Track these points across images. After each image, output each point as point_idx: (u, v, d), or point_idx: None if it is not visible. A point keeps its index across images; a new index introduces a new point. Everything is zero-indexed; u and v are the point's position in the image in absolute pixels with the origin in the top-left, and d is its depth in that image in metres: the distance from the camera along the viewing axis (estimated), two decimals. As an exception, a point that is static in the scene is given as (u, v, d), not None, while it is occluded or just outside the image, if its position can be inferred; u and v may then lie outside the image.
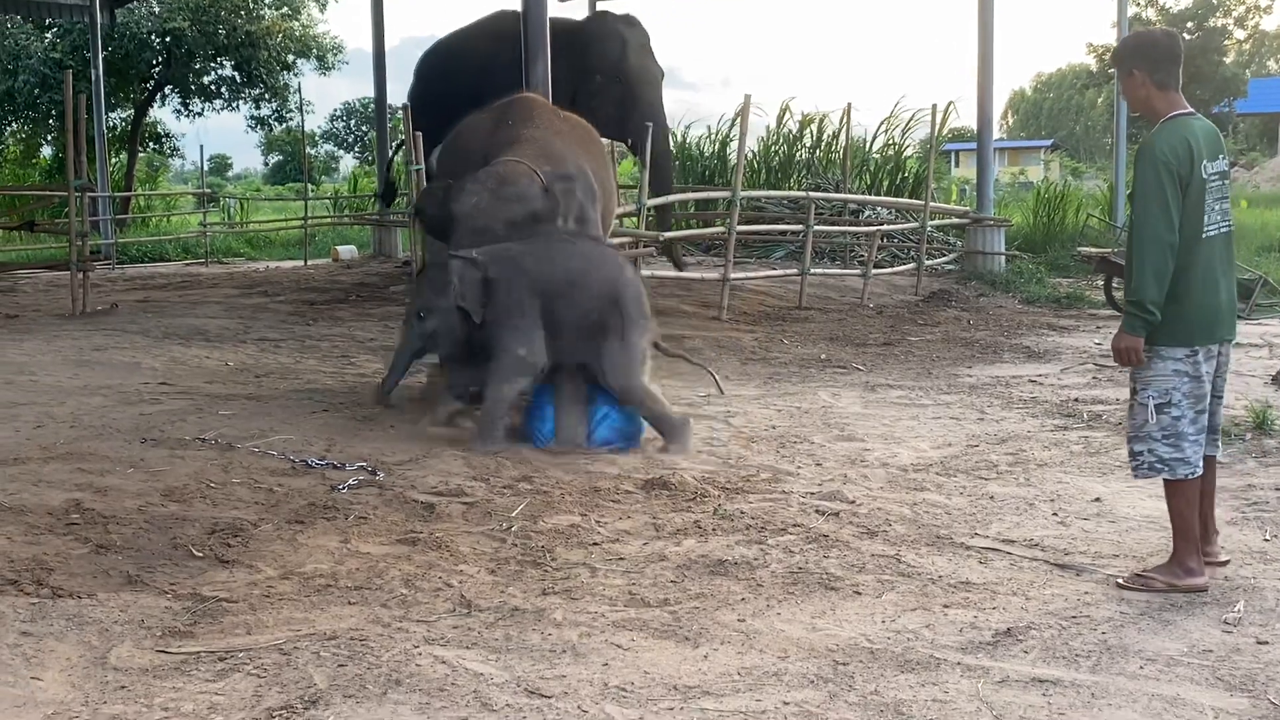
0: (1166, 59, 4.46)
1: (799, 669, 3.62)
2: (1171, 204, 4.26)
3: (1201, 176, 4.31)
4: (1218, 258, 4.41)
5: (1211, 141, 4.41)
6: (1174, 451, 4.34)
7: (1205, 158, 4.32)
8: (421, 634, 3.85)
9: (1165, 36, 4.58)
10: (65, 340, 9.70)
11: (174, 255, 21.10)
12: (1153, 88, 4.44)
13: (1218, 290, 4.41)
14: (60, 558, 4.39)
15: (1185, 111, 4.42)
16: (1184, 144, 4.30)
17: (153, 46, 24.98)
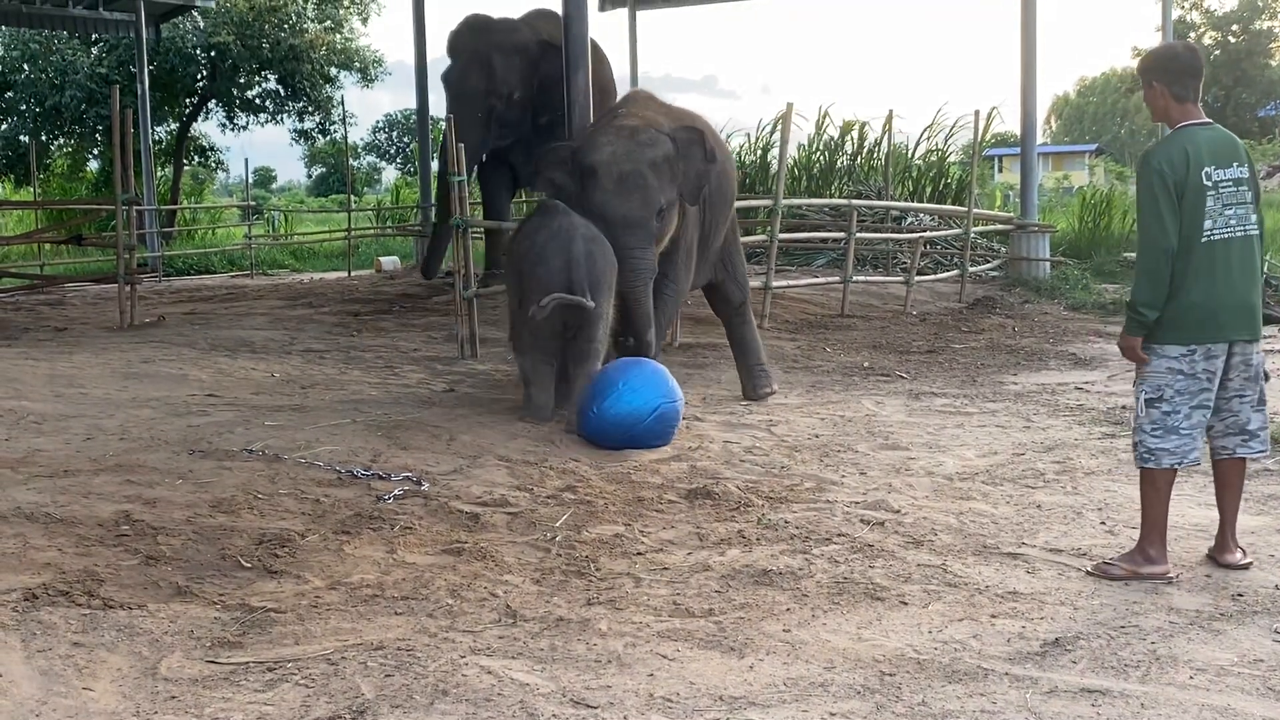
0: (1186, 72, 4.69)
1: (845, 679, 3.61)
2: (1165, 211, 4.49)
3: (1200, 183, 4.50)
4: (1222, 260, 4.53)
5: (1221, 150, 4.60)
6: (1159, 442, 4.58)
7: (1208, 165, 4.53)
8: (468, 644, 3.86)
9: (1186, 51, 4.81)
10: (113, 353, 9.80)
11: (219, 267, 21.29)
12: (1171, 100, 4.68)
13: (1221, 291, 4.53)
14: (110, 569, 4.44)
15: (1197, 122, 4.65)
16: (1181, 153, 4.53)
17: (197, 61, 25.24)
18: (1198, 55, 4.78)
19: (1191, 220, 4.50)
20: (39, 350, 9.97)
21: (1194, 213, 4.51)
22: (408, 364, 9.76)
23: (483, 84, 13.22)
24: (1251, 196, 4.65)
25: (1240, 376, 4.64)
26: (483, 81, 13.22)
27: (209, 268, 21.22)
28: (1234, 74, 49.21)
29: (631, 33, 22.00)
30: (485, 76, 13.23)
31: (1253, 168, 4.72)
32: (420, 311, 13.26)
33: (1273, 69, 51.63)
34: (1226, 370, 4.62)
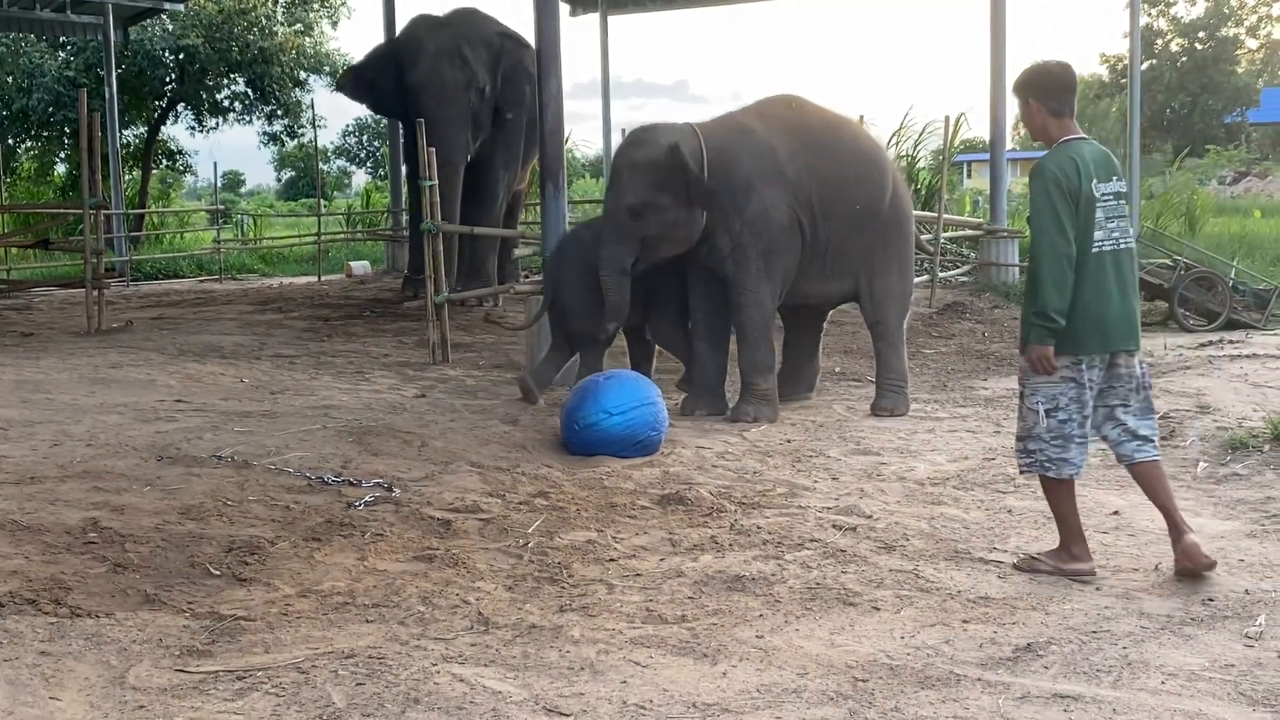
0: (1059, 88, 4.85)
1: (818, 686, 3.60)
2: (1064, 218, 4.61)
3: (1091, 194, 4.65)
4: (1108, 272, 4.67)
5: (1102, 164, 4.76)
6: (1060, 453, 4.71)
7: (1095, 178, 4.68)
8: (439, 652, 3.84)
9: (1059, 68, 4.92)
10: (80, 358, 9.72)
11: (188, 272, 21.16)
12: (1048, 115, 4.85)
13: (1107, 302, 4.66)
14: (78, 577, 4.40)
15: (1077, 136, 4.83)
16: (1072, 164, 4.68)
17: (166, 64, 25.07)
18: (1070, 71, 4.94)
19: (1083, 231, 4.63)
20: (5, 355, 9.89)
21: (1085, 224, 4.64)
22: (379, 369, 9.73)
23: (461, 77, 13.00)
24: (1127, 210, 4.84)
25: (1125, 386, 4.76)
26: (460, 74, 12.99)
27: (177, 272, 21.08)
28: (1200, 81, 49.56)
29: (603, 37, 21.98)
30: (461, 69, 13.01)
31: (1124, 184, 4.89)
32: (391, 317, 13.23)
33: (1239, 76, 52.03)
34: (1112, 379, 4.75)
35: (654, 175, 7.57)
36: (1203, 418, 7.61)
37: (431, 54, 13.07)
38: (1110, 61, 51.75)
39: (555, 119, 9.18)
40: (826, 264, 8.05)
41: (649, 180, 7.58)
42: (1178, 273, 13.19)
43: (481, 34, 13.44)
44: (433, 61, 13.04)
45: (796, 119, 8.09)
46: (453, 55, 13.06)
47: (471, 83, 13.10)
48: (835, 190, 7.92)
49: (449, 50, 13.09)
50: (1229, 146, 45.49)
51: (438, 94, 12.93)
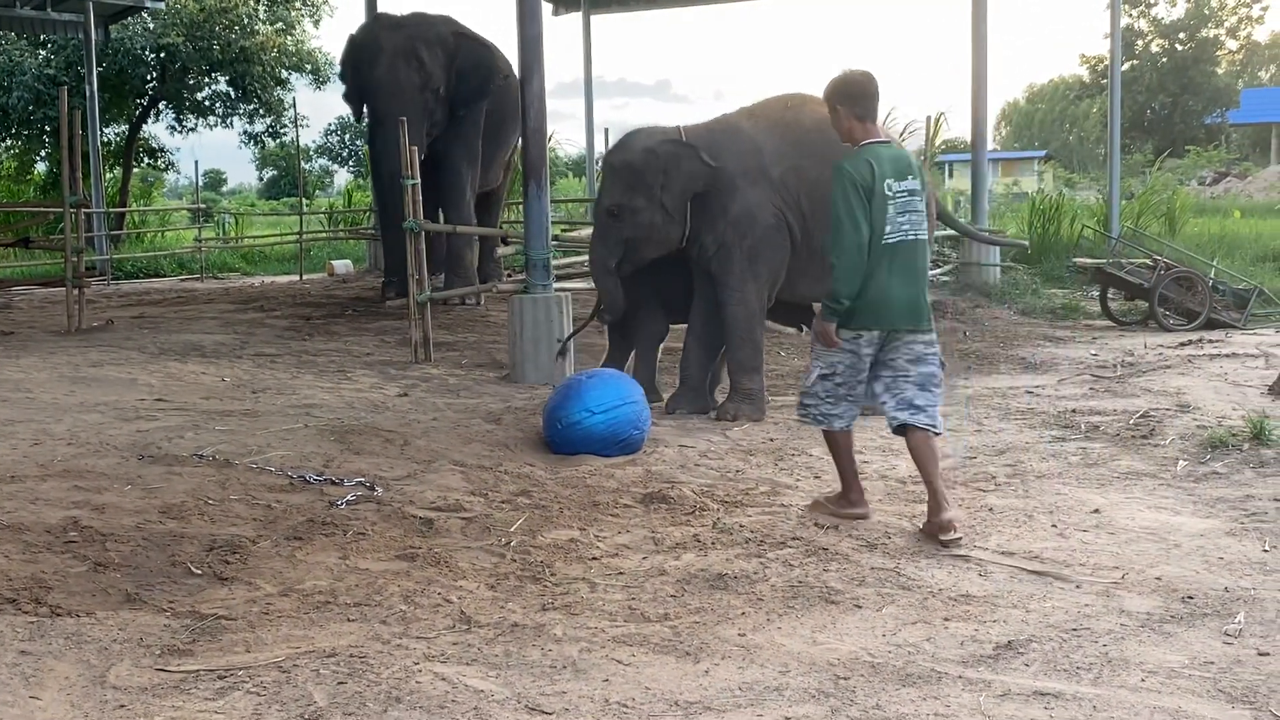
0: (862, 96, 5.45)
1: (800, 683, 3.61)
2: (859, 213, 5.22)
3: (883, 192, 5.24)
4: (895, 261, 5.29)
5: (898, 165, 5.36)
6: (832, 409, 5.44)
7: (889, 177, 5.26)
8: (421, 651, 3.84)
9: (862, 77, 5.51)
10: (61, 357, 9.69)
11: (169, 271, 21.09)
12: (854, 121, 5.44)
13: (889, 287, 5.29)
14: (58, 576, 4.38)
15: (877, 140, 5.42)
16: (866, 165, 5.26)
17: (147, 62, 24.97)
18: (872, 80, 5.51)
19: (875, 224, 5.24)
20: (-15, 354, 9.84)
21: (877, 218, 5.24)
22: (361, 368, 9.71)
23: (417, 78, 13.10)
24: (921, 206, 5.41)
25: (904, 359, 5.36)
26: (416, 75, 13.10)
27: (158, 271, 21.01)
28: (1181, 81, 49.76)
29: (585, 37, 21.98)
30: (418, 70, 13.11)
31: (924, 181, 5.52)
32: (373, 315, 13.21)
33: (1219, 76, 52.25)
34: (892, 353, 5.37)
35: (629, 178, 7.71)
36: (1182, 416, 7.64)
37: (389, 54, 13.17)
38: (1091, 62, 51.91)
39: (538, 118, 9.19)
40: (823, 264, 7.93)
41: (624, 183, 7.74)
42: (1158, 272, 13.24)
43: (437, 34, 13.55)
44: (390, 61, 13.14)
45: (789, 119, 8.07)
46: (409, 56, 13.17)
47: (427, 84, 13.21)
48: (826, 190, 7.85)
49: (406, 50, 13.20)
50: (1209, 147, 45.71)
51: (390, 94, 13.04)
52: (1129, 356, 10.68)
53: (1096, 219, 19.49)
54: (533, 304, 9.06)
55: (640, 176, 7.67)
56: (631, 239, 7.78)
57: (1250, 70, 58.58)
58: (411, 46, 13.20)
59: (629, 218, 7.72)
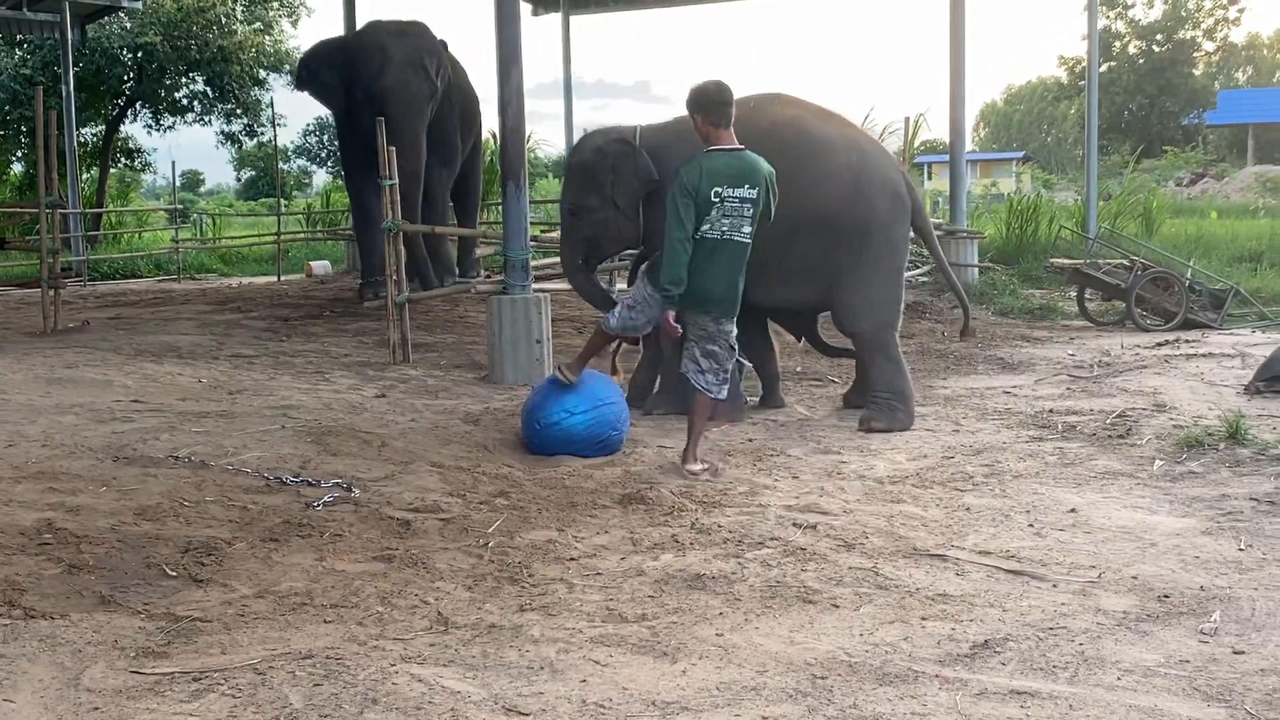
0: (714, 104, 6.19)
1: (777, 683, 3.61)
2: (684, 214, 6.06)
3: (708, 196, 6.07)
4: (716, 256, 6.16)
5: (737, 173, 6.16)
6: (714, 380, 6.35)
7: (722, 184, 6.09)
8: (398, 652, 3.83)
9: (714, 87, 6.25)
10: (36, 358, 9.62)
11: (146, 272, 21.01)
12: (709, 127, 6.21)
13: (714, 279, 6.18)
14: (32, 578, 4.35)
15: (722, 148, 6.20)
16: (697, 172, 6.08)
17: (124, 62, 24.87)
18: (724, 89, 6.25)
19: (698, 224, 6.07)
20: (-41, 356, 9.77)
21: (699, 219, 6.07)
22: (338, 369, 9.67)
23: (426, 87, 13.33)
24: (751, 213, 6.19)
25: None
26: (425, 85, 13.34)
27: (135, 272, 20.92)
28: (1158, 83, 50.03)
29: (565, 38, 21.98)
30: (425, 79, 13.35)
31: (767, 191, 6.26)
32: (351, 316, 13.16)
33: (1196, 78, 52.54)
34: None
35: (582, 177, 7.81)
36: (1159, 416, 7.68)
37: (400, 64, 13.31)
38: (1068, 64, 52.18)
39: (516, 118, 9.18)
40: (780, 269, 7.67)
41: (577, 182, 7.85)
42: (1134, 273, 13.30)
43: (433, 45, 13.85)
44: (401, 71, 13.27)
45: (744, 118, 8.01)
46: (417, 66, 13.36)
47: (432, 94, 13.50)
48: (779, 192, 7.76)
49: (414, 61, 13.39)
50: (1186, 148, 45.94)
51: (406, 103, 13.15)
52: (1106, 356, 10.72)
53: (1074, 220, 19.58)
54: (511, 304, 9.04)
55: (592, 175, 7.75)
56: (590, 236, 7.87)
57: (1227, 71, 58.94)
58: (418, 57, 13.42)
59: (585, 216, 7.82)
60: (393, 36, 13.68)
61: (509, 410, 7.69)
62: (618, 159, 7.67)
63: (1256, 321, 13.35)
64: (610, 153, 7.71)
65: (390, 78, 13.23)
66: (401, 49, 13.39)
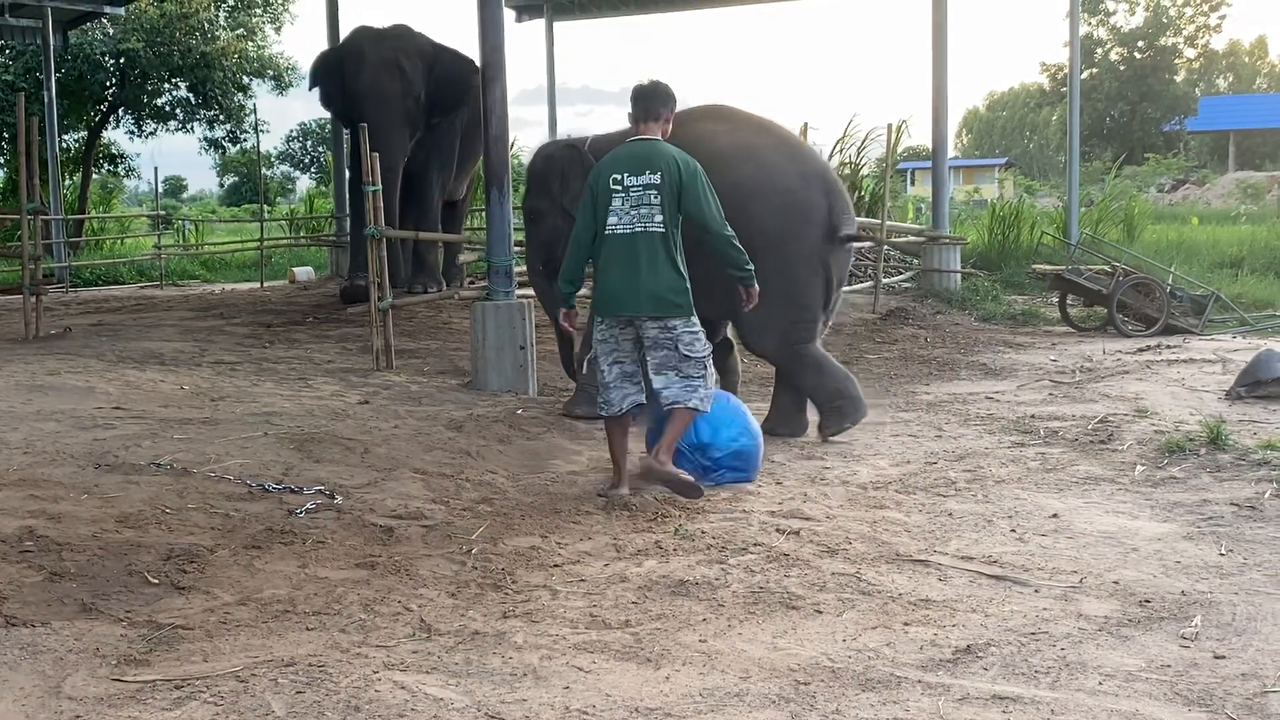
0: (635, 99, 6.05)
1: (761, 689, 3.61)
2: (585, 208, 5.94)
3: (608, 186, 5.83)
4: (620, 251, 5.81)
5: (636, 161, 5.84)
6: (601, 394, 6.01)
7: (617, 173, 5.83)
8: (381, 659, 3.82)
9: (641, 84, 6.10)
10: (17, 365, 9.58)
11: (128, 278, 20.94)
12: (631, 123, 6.07)
13: (614, 275, 5.83)
14: (13, 586, 4.33)
15: (637, 139, 5.98)
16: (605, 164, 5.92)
17: (106, 68, 24.82)
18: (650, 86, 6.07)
19: (600, 217, 5.85)
20: (-60, 362, 9.72)
21: (602, 211, 5.84)
22: (321, 376, 9.65)
23: (399, 88, 13.51)
24: (659, 200, 5.78)
25: (653, 347, 5.85)
26: (399, 85, 13.52)
27: (117, 278, 20.85)
28: (1140, 90, 50.28)
29: (549, 44, 22.01)
30: (400, 80, 13.55)
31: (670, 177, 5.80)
32: (334, 323, 13.13)
33: (1177, 85, 52.82)
34: (645, 341, 5.86)
35: (534, 183, 8.07)
36: (1140, 422, 7.71)
37: (373, 65, 13.57)
38: (1051, 70, 52.42)
39: (500, 125, 9.18)
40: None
41: (532, 188, 8.09)
42: (1116, 279, 13.36)
43: (417, 46, 14.05)
44: (374, 72, 13.54)
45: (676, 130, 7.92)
46: (392, 66, 13.58)
47: (409, 92, 13.65)
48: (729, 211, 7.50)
49: (389, 61, 13.62)
50: (1168, 154, 46.15)
51: (379, 103, 13.38)
52: (1088, 362, 10.76)
53: (1056, 226, 19.66)
54: (495, 311, 9.03)
55: (543, 181, 7.93)
56: (547, 240, 8.00)
57: (1208, 78, 59.23)
58: (394, 57, 13.63)
59: (539, 220, 8.01)
60: (370, 40, 13.98)
61: (492, 417, 7.69)
62: (566, 165, 7.79)
63: (1237, 327, 13.42)
64: (559, 159, 7.87)
65: (363, 80, 13.53)
66: (377, 51, 13.65)
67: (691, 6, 23.37)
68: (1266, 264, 17.89)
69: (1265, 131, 48.49)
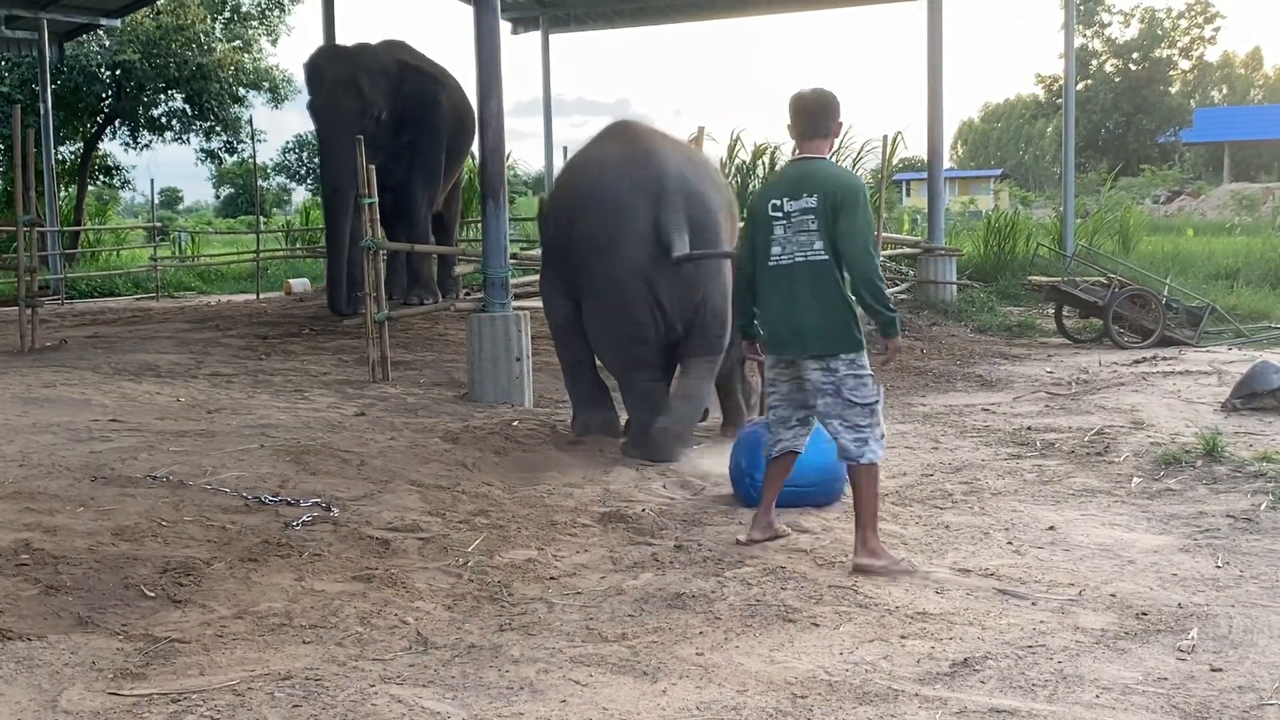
0: (794, 113, 5.29)
1: (758, 702, 3.61)
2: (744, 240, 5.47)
3: (766, 213, 5.22)
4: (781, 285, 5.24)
5: (794, 183, 5.20)
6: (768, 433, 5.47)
7: (784, 196, 5.19)
8: (377, 673, 3.81)
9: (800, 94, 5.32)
10: (13, 377, 9.57)
11: (124, 290, 20.93)
12: (795, 139, 5.36)
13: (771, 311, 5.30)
14: (9, 599, 4.32)
15: (797, 158, 5.36)
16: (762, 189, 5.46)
17: (102, 79, 24.84)
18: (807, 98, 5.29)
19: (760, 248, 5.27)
20: (-65, 375, 9.71)
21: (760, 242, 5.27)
22: (318, 388, 9.65)
23: (354, 105, 13.39)
24: (817, 225, 5.12)
25: (811, 390, 5.22)
26: (354, 103, 13.39)
27: (113, 290, 20.84)
28: (1135, 101, 50.37)
29: (544, 55, 22.02)
30: (356, 98, 13.42)
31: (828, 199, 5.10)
32: (331, 334, 13.12)
33: (1172, 96, 52.92)
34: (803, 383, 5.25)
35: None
36: (1137, 434, 7.71)
37: (330, 83, 13.47)
38: (1046, 82, 52.48)
39: (496, 137, 9.19)
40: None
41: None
42: (1112, 290, 13.38)
43: (380, 64, 13.88)
44: (330, 90, 13.44)
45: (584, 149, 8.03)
46: (349, 85, 13.44)
47: (366, 111, 13.42)
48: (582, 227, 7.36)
49: (346, 80, 13.47)
50: (1163, 166, 46.22)
51: (331, 121, 13.33)
52: (1084, 374, 10.77)
53: (1051, 237, 19.68)
54: (491, 322, 9.04)
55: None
56: None
57: (1203, 90, 59.39)
58: (352, 77, 13.50)
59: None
60: (329, 58, 13.97)
61: (489, 429, 7.68)
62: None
63: (1233, 339, 13.44)
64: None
65: (320, 98, 13.49)
66: (334, 70, 13.54)
67: (687, 18, 23.37)
68: (1262, 275, 17.92)
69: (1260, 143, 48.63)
